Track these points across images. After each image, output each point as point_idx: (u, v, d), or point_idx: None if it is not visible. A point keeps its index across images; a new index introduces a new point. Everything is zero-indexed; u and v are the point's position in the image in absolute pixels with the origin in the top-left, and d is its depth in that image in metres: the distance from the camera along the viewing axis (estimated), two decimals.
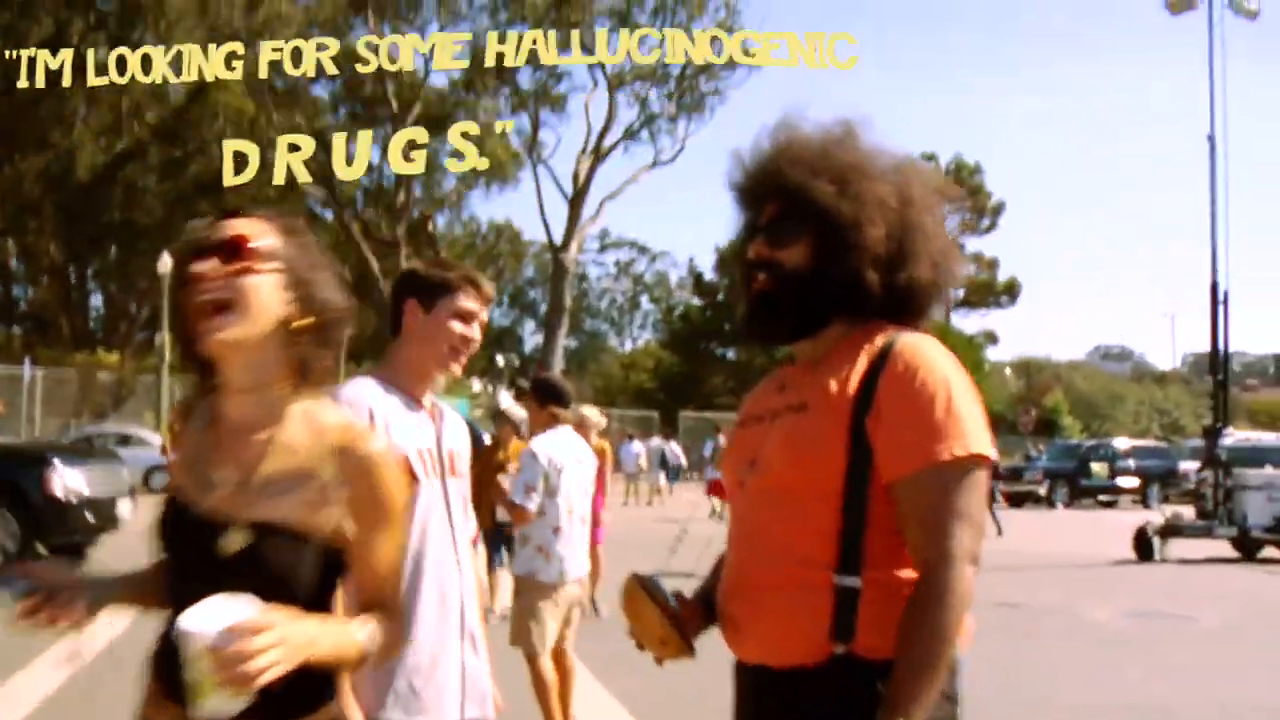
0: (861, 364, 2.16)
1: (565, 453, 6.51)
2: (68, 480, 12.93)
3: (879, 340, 2.19)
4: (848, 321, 2.26)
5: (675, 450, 35.74)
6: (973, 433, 2.08)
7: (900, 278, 2.23)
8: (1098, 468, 36.86)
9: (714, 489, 26.83)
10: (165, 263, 30.01)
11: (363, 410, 2.89)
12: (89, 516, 13.17)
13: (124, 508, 13.90)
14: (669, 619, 2.27)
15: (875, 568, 2.10)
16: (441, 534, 3.08)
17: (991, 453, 2.11)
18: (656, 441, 33.91)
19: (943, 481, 2.05)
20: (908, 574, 2.08)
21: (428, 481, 3.03)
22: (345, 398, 2.90)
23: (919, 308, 2.30)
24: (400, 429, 2.98)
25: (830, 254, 2.21)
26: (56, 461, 13.16)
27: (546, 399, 6.67)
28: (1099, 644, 10.23)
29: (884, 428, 2.09)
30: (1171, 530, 18.61)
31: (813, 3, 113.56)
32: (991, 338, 62.80)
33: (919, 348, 2.15)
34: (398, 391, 3.08)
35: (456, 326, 3.12)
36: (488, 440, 10.56)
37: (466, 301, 3.14)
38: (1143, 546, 18.21)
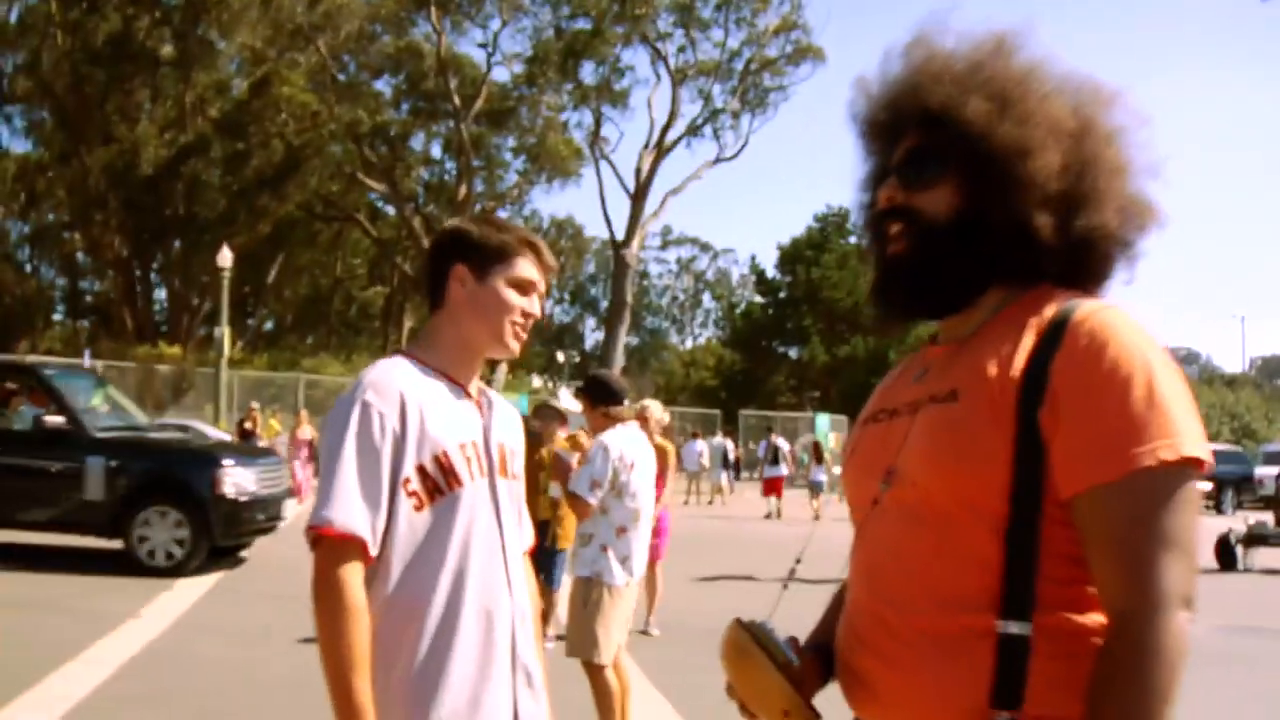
0: (1028, 340, 1.68)
1: (636, 450, 6.10)
2: (238, 479, 12.82)
3: (1050, 310, 1.70)
4: (1008, 287, 1.79)
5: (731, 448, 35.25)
6: (1184, 430, 1.58)
7: (1077, 226, 1.74)
8: None
9: (771, 487, 26.87)
10: (225, 256, 29.90)
11: (391, 395, 2.46)
12: (258, 516, 13.11)
13: (289, 507, 13.85)
14: (789, 679, 1.78)
15: (1050, 611, 1.61)
16: (489, 546, 2.58)
17: (1207, 456, 1.60)
18: (719, 440, 33.34)
19: (1144, 496, 1.56)
20: (1094, 620, 1.61)
21: (472, 483, 2.54)
22: (370, 380, 2.49)
23: (1100, 267, 1.81)
24: (439, 419, 2.52)
25: (987, 195, 1.74)
26: (227, 460, 13.08)
27: (600, 398, 6.26)
28: (1192, 664, 9.48)
29: (1063, 424, 1.60)
30: (1256, 539, 17.84)
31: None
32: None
33: (1105, 318, 1.65)
34: (438, 374, 2.60)
35: (514, 298, 2.64)
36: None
37: (526, 269, 2.65)
38: (1225, 555, 17.47)
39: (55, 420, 12.44)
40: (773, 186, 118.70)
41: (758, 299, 60.72)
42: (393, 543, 2.43)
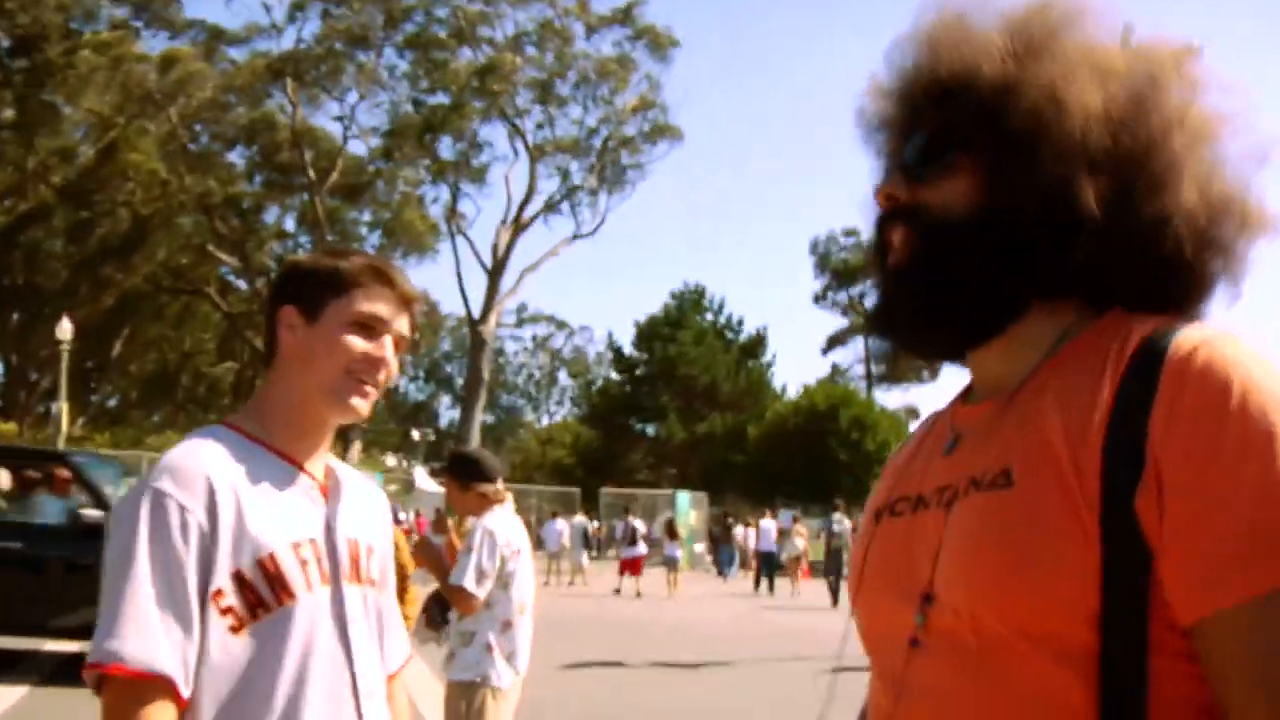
0: (1105, 387, 1.17)
1: (518, 534, 5.57)
2: None
3: (1133, 339, 1.20)
4: (1055, 307, 1.30)
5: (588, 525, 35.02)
6: None
7: (1144, 211, 1.25)
8: None
9: (628, 566, 27.33)
10: (65, 328, 28.75)
11: (195, 481, 1.89)
12: None
13: None
14: None
15: None
16: (332, 677, 2.00)
17: None
18: (579, 519, 32.95)
19: None
20: None
21: (309, 594, 1.97)
22: (168, 464, 1.93)
23: (1185, 277, 1.28)
24: (262, 510, 1.95)
25: (1012, 169, 1.27)
26: None
27: (471, 477, 5.64)
28: None
29: (1175, 515, 1.10)
30: None
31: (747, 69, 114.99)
32: (914, 413, 62.68)
33: (1218, 352, 1.14)
34: (265, 449, 2.03)
35: (354, 340, 2.03)
36: (404, 520, 9.67)
37: (371, 302, 2.05)
38: None
39: (93, 514, 11.12)
40: (629, 263, 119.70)
41: (615, 376, 60.65)
42: (203, 676, 1.86)
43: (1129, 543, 1.11)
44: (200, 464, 1.92)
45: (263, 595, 1.91)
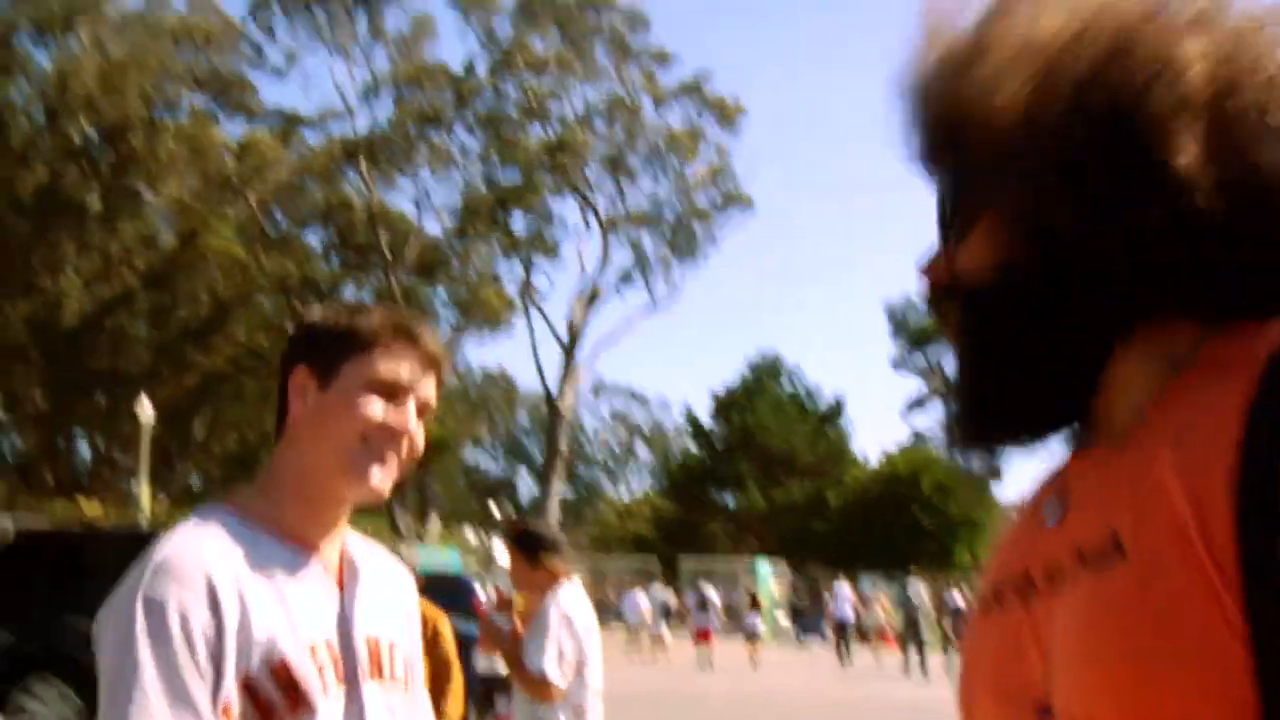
0: (1231, 421, 0.90)
1: (589, 613, 5.25)
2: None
3: (1259, 355, 0.93)
4: (1164, 328, 1.03)
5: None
6: None
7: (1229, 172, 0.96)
8: None
9: (701, 636, 27.09)
10: (145, 409, 29.15)
11: (193, 577, 1.66)
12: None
13: None
14: None
15: None
16: None
17: None
18: (658, 591, 32.56)
19: None
20: None
21: (325, 699, 1.74)
22: (161, 559, 1.68)
23: None
24: (270, 607, 1.72)
25: (1035, 202, 1.01)
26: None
27: (537, 548, 5.25)
28: None
29: None
30: None
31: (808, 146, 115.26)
32: (996, 473, 61.66)
33: None
34: (271, 535, 1.80)
35: (374, 407, 1.81)
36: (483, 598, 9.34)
37: (392, 363, 1.83)
38: None
39: None
40: (704, 334, 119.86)
41: (693, 448, 60.37)
42: None
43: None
44: (198, 557, 1.69)
45: (275, 706, 1.69)
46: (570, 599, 5.15)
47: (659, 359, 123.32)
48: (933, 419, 65.22)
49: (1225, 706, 0.84)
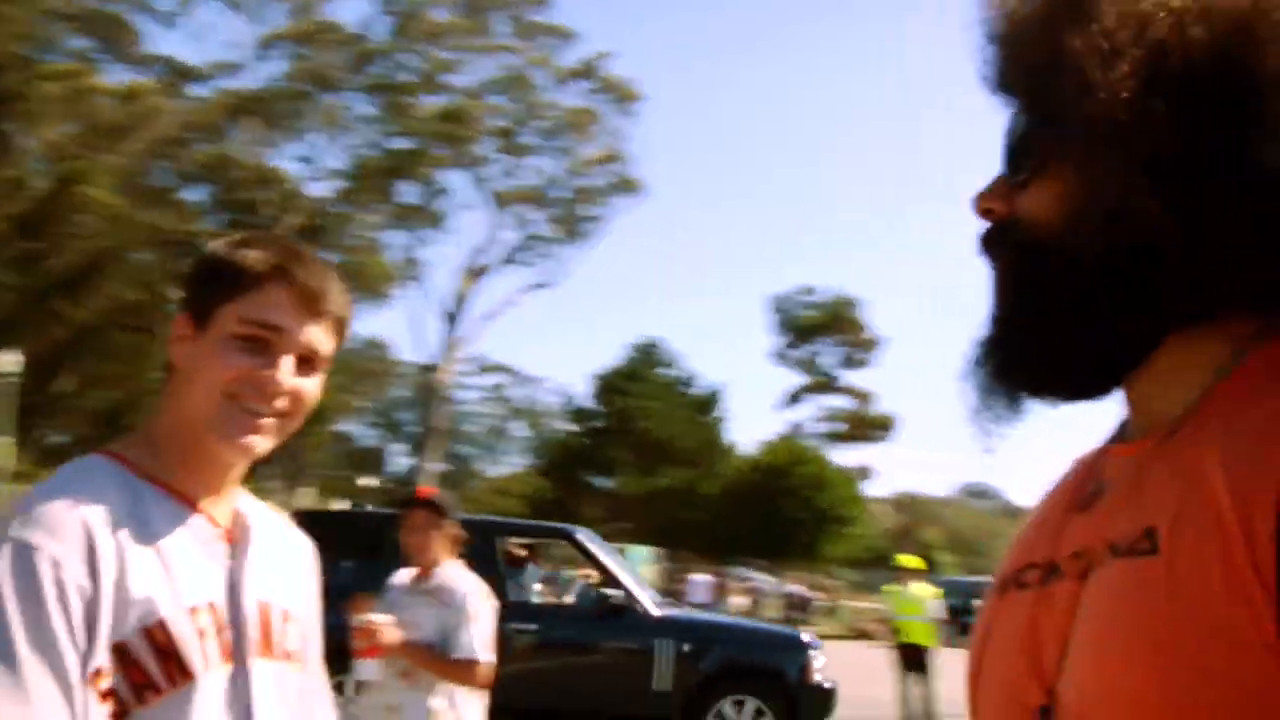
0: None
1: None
2: (825, 665, 11.21)
3: None
4: (1201, 328, 0.99)
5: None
6: None
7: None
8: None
9: None
10: (11, 360, 28.17)
11: (69, 529, 1.46)
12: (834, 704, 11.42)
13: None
14: None
15: None
16: None
17: None
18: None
19: None
20: None
21: (207, 672, 1.56)
22: (35, 509, 1.48)
23: None
24: (151, 566, 1.53)
25: (1123, 179, 0.95)
26: (814, 644, 11.47)
27: (449, 515, 5.11)
28: None
29: None
30: None
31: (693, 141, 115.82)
32: (866, 473, 62.66)
33: None
34: (155, 488, 1.61)
35: (238, 358, 1.61)
36: None
37: (263, 306, 1.63)
38: None
39: (615, 594, 10.81)
40: (588, 315, 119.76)
41: (570, 427, 60.28)
42: None
43: None
44: (75, 506, 1.49)
45: (151, 674, 1.50)
46: (462, 569, 5.04)
47: (541, 338, 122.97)
48: (808, 413, 66.05)
49: (1247, 690, 0.82)
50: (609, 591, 10.87)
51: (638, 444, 53.06)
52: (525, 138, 49.07)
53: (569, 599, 11.46)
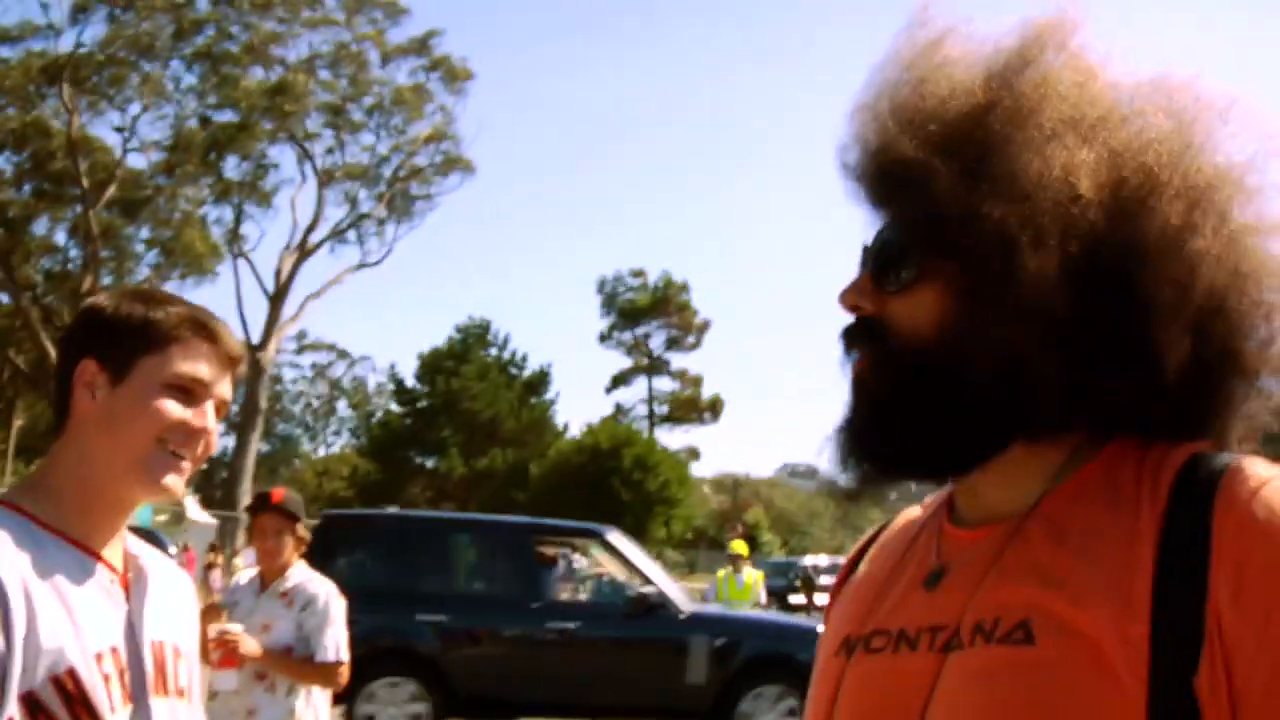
0: (1143, 535, 1.00)
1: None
2: None
3: (1164, 475, 1.04)
4: (1041, 438, 1.12)
5: None
6: None
7: (1159, 334, 1.06)
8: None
9: None
10: None
11: None
12: None
13: None
14: None
15: None
16: None
17: None
18: None
19: None
20: None
21: (112, 717, 1.63)
22: None
23: (1212, 402, 1.12)
24: (57, 615, 1.60)
25: (991, 299, 1.07)
26: None
27: (300, 518, 5.02)
28: None
29: (1249, 696, 0.93)
30: None
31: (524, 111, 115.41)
32: (694, 454, 63.56)
33: None
34: (55, 538, 1.67)
35: (171, 407, 1.72)
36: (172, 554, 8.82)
37: (191, 362, 1.75)
38: None
39: (649, 591, 10.76)
40: (415, 295, 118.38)
41: (395, 408, 59.75)
42: None
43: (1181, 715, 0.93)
44: None
45: None
46: (310, 571, 5.05)
47: (367, 317, 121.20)
48: (635, 395, 66.68)
49: None
50: (644, 589, 11.06)
51: (465, 424, 52.93)
52: (354, 114, 48.38)
53: (584, 596, 11.64)
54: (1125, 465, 1.07)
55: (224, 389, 1.80)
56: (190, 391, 1.74)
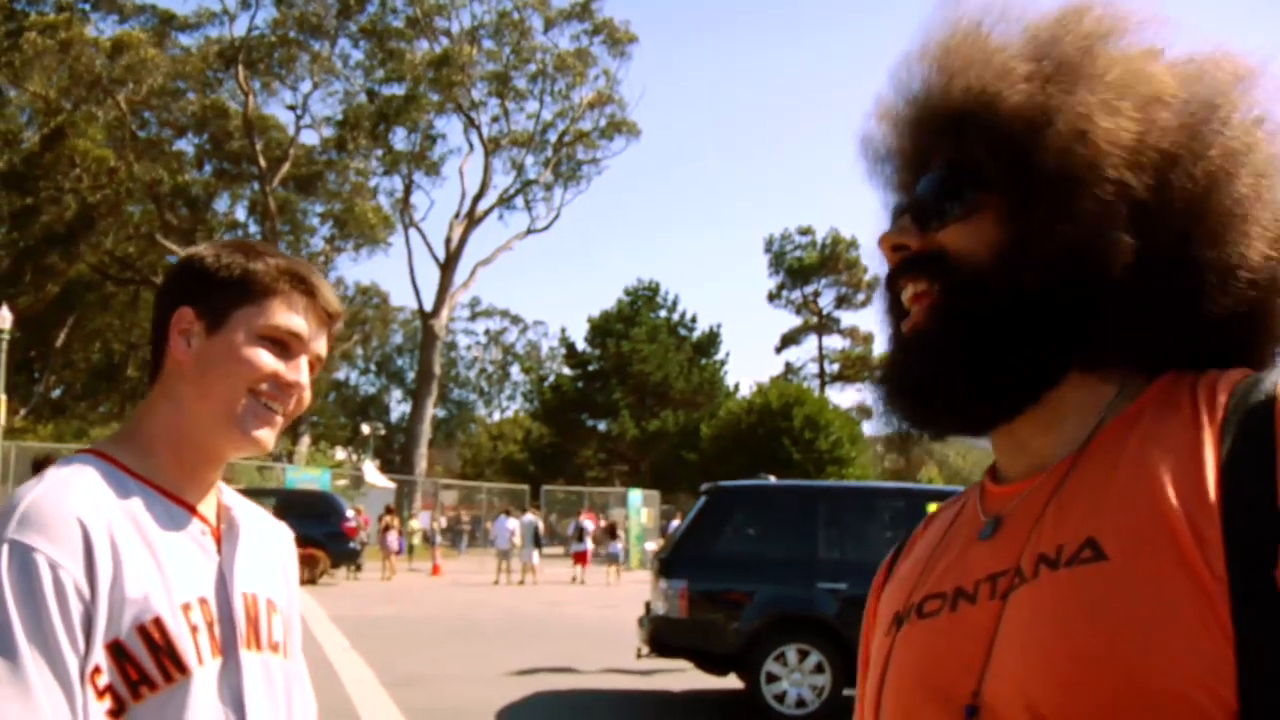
0: (1206, 447, 0.99)
1: None
2: None
3: (1219, 393, 1.03)
4: (1095, 372, 1.11)
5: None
6: None
7: (1204, 266, 1.06)
8: None
9: (578, 559, 31.57)
10: (4, 316, 28.10)
11: (65, 531, 1.49)
12: None
13: None
14: None
15: None
16: None
17: None
18: (529, 517, 32.57)
19: None
20: None
21: (201, 668, 1.59)
22: (29, 509, 1.50)
23: (1256, 337, 1.12)
24: (145, 565, 1.57)
25: (1047, 225, 1.07)
26: None
27: None
28: None
29: None
30: None
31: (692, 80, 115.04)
32: (866, 412, 62.73)
33: None
34: (148, 487, 1.65)
35: (264, 358, 1.69)
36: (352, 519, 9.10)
37: (287, 315, 1.72)
38: None
39: None
40: (584, 259, 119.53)
41: (567, 372, 60.42)
42: None
43: (1270, 617, 0.90)
44: (71, 507, 1.51)
45: (147, 670, 1.53)
46: None
47: (537, 282, 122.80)
48: (806, 353, 66.20)
49: (1205, 703, 0.90)
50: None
51: (636, 386, 53.20)
52: (518, 82, 48.83)
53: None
54: (1179, 389, 1.06)
55: (319, 345, 1.76)
56: (285, 345, 1.71)
